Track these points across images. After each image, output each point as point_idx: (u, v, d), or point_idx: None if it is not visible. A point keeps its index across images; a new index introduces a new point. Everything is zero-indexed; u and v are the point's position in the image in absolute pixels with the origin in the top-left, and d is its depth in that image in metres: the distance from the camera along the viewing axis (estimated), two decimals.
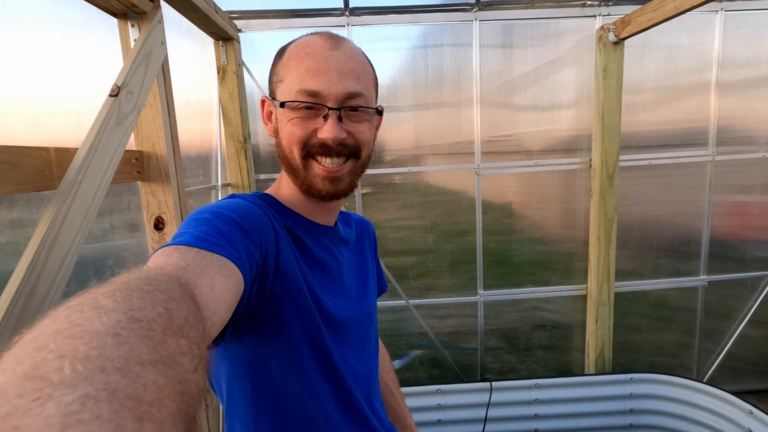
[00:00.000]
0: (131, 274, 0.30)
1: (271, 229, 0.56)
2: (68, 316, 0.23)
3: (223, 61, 1.94)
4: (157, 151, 1.19)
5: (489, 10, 2.06)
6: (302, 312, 0.58)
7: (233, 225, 0.49)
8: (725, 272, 2.32)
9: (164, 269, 0.36)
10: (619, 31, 1.89)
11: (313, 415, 0.61)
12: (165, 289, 0.29)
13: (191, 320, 0.28)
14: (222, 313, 0.40)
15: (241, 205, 0.55)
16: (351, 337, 0.68)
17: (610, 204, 2.10)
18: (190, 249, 0.42)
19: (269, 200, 0.65)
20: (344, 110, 0.59)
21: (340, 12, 2.03)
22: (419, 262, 2.30)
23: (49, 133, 0.96)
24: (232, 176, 2.05)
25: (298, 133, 0.59)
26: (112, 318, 0.23)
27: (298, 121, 0.59)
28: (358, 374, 0.68)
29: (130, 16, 1.12)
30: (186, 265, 0.39)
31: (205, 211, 0.52)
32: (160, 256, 0.41)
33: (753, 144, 2.21)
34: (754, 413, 1.70)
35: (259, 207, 0.58)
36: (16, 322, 0.66)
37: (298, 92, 0.58)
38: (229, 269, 0.43)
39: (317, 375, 0.61)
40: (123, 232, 1.23)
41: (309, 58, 0.58)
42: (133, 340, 0.23)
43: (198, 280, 0.38)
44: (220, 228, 0.48)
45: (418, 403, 1.96)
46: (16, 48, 0.90)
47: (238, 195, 0.61)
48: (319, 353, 0.61)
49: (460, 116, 2.17)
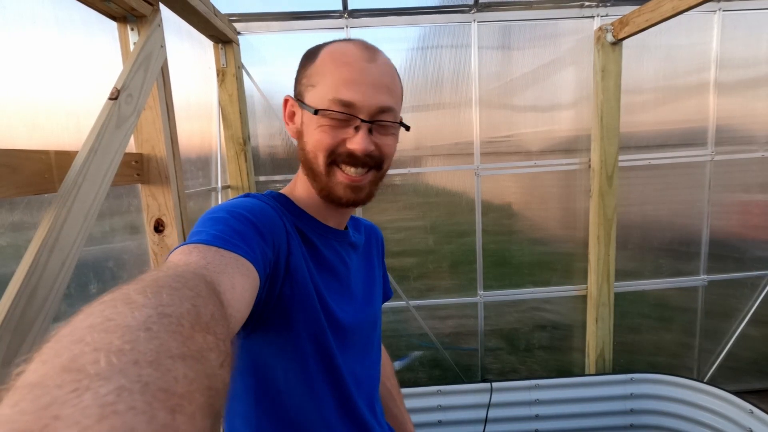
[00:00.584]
0: (159, 272, 0.31)
1: (283, 230, 0.57)
2: (102, 311, 0.24)
3: (222, 64, 1.94)
4: (156, 154, 1.19)
5: (487, 12, 2.07)
6: (309, 314, 0.59)
7: (248, 224, 0.50)
8: (725, 272, 2.32)
9: (189, 266, 0.36)
10: (617, 32, 1.90)
11: (313, 418, 0.62)
12: (192, 286, 0.30)
13: (217, 317, 0.29)
14: (242, 311, 0.41)
15: (255, 205, 0.55)
16: (355, 342, 0.68)
17: (609, 204, 2.11)
18: (209, 248, 0.43)
19: (283, 200, 0.65)
20: (375, 124, 0.59)
21: (339, 14, 2.04)
22: (419, 263, 2.31)
23: (50, 136, 0.96)
24: (232, 178, 2.05)
25: (327, 141, 0.59)
26: (144, 313, 0.24)
27: (328, 129, 0.59)
28: (361, 379, 0.68)
29: (130, 20, 1.13)
30: (207, 263, 0.40)
31: (221, 210, 0.52)
32: (180, 254, 0.42)
33: (752, 143, 2.22)
34: (755, 413, 1.70)
35: (272, 207, 0.58)
36: (17, 323, 0.66)
37: (332, 101, 0.57)
38: (246, 268, 0.44)
39: (319, 378, 0.61)
40: (123, 235, 1.23)
41: (345, 68, 0.58)
42: (164, 334, 0.23)
43: (220, 278, 0.38)
44: (236, 227, 0.48)
45: (418, 404, 1.96)
46: (16, 51, 0.90)
47: (252, 194, 0.61)
48: (322, 356, 0.61)
49: (460, 117, 2.18)
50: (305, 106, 0.60)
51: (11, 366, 0.67)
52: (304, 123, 0.62)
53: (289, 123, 0.65)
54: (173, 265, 0.34)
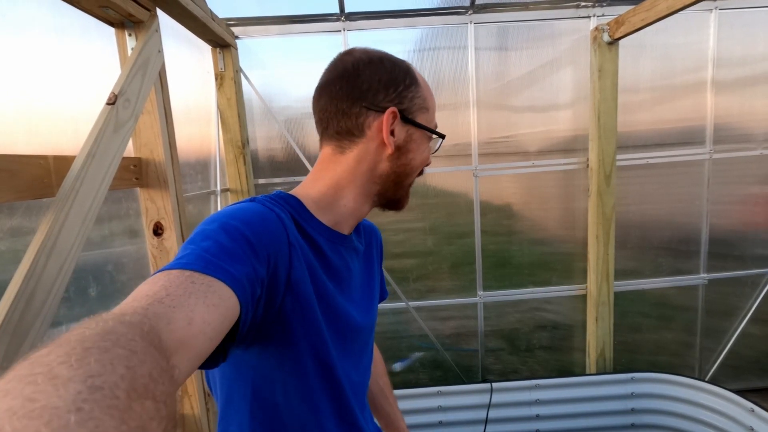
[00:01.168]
0: (87, 328, 0.27)
1: (285, 241, 0.54)
2: (21, 390, 0.21)
3: (220, 68, 1.96)
4: (155, 158, 1.20)
5: (484, 13, 2.07)
6: (310, 327, 0.58)
7: (240, 240, 0.48)
8: (725, 270, 2.32)
9: (125, 315, 0.32)
10: (614, 32, 1.90)
11: (311, 428, 0.61)
12: (124, 342, 0.27)
13: (155, 375, 0.26)
14: (200, 347, 0.38)
15: (255, 214, 0.53)
16: (354, 347, 0.68)
17: (608, 203, 2.11)
18: (182, 273, 0.41)
19: (294, 203, 0.62)
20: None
21: (336, 17, 2.05)
22: (419, 264, 2.31)
23: (48, 141, 0.97)
24: (231, 181, 2.06)
25: (428, 160, 0.70)
26: (71, 389, 0.21)
27: (429, 149, 0.69)
28: (355, 384, 0.68)
29: (128, 26, 1.14)
30: (165, 295, 0.38)
31: (216, 220, 0.50)
32: (147, 284, 0.40)
33: (750, 141, 2.22)
34: (756, 411, 1.69)
35: (278, 214, 0.55)
36: (15, 328, 0.67)
37: (435, 126, 0.69)
38: (218, 297, 0.41)
39: (320, 391, 0.61)
40: (123, 239, 1.24)
41: (434, 100, 0.69)
42: (98, 413, 0.21)
43: (173, 315, 0.36)
44: (225, 244, 0.46)
45: (418, 405, 1.97)
46: (14, 56, 0.91)
47: (258, 198, 0.59)
48: (323, 368, 0.61)
49: (458, 118, 2.18)
50: (422, 126, 0.66)
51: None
52: (414, 140, 0.66)
53: (389, 136, 0.64)
54: (104, 317, 0.30)
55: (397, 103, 0.63)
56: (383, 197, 0.68)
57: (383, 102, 0.63)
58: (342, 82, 0.63)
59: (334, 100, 0.63)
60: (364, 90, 0.62)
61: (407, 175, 0.67)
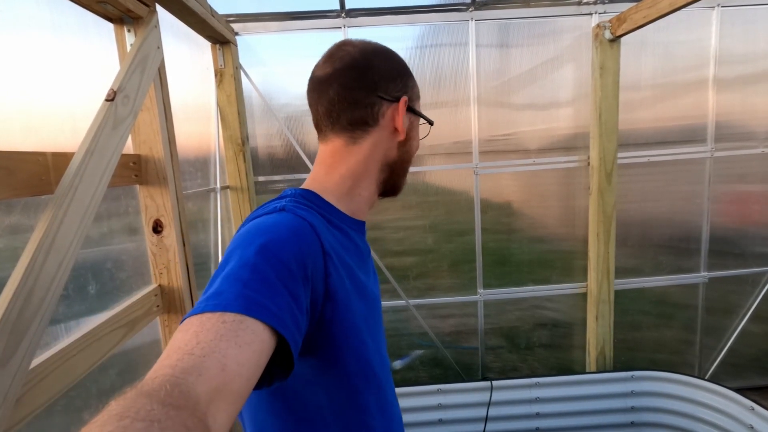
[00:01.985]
0: (108, 411, 0.29)
1: (320, 253, 0.54)
2: None
3: (220, 65, 1.95)
4: (154, 155, 1.20)
5: (485, 10, 2.06)
6: (350, 330, 0.58)
7: (280, 268, 0.47)
8: (726, 268, 2.32)
9: (145, 385, 0.33)
10: (615, 29, 1.90)
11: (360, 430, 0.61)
12: (144, 415, 0.28)
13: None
14: (238, 389, 0.38)
15: (291, 230, 0.52)
16: (378, 327, 0.70)
17: (608, 201, 2.10)
18: (212, 316, 0.41)
19: (316, 201, 0.63)
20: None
21: (336, 14, 2.04)
22: (419, 262, 2.31)
23: (46, 137, 0.96)
24: (231, 178, 2.05)
25: (419, 146, 0.73)
26: None
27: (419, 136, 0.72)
28: (385, 367, 0.69)
29: (126, 21, 1.13)
30: (196, 344, 0.38)
31: (254, 241, 0.49)
32: (180, 332, 0.40)
33: (752, 139, 2.21)
34: (756, 410, 1.70)
35: (310, 224, 0.55)
36: (14, 325, 0.66)
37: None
38: (251, 333, 0.41)
39: (362, 390, 0.61)
40: (122, 236, 1.23)
41: None
42: None
43: (205, 364, 0.37)
44: (264, 274, 0.46)
45: (418, 403, 1.97)
46: (12, 53, 0.90)
47: (288, 206, 0.57)
48: (364, 366, 0.61)
49: (458, 116, 2.18)
50: (420, 114, 0.70)
51: (8, 367, 0.67)
52: (413, 127, 0.70)
53: (400, 123, 0.66)
54: (129, 391, 0.32)
55: (405, 92, 0.67)
56: (387, 184, 0.70)
57: (395, 91, 0.65)
58: (354, 72, 0.63)
59: (347, 91, 0.63)
60: (377, 80, 0.64)
61: (409, 161, 0.71)
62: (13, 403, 0.67)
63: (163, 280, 1.24)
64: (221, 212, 1.93)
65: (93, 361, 0.93)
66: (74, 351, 0.87)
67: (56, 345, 0.85)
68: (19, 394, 0.69)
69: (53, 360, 0.81)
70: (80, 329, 0.93)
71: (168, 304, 1.25)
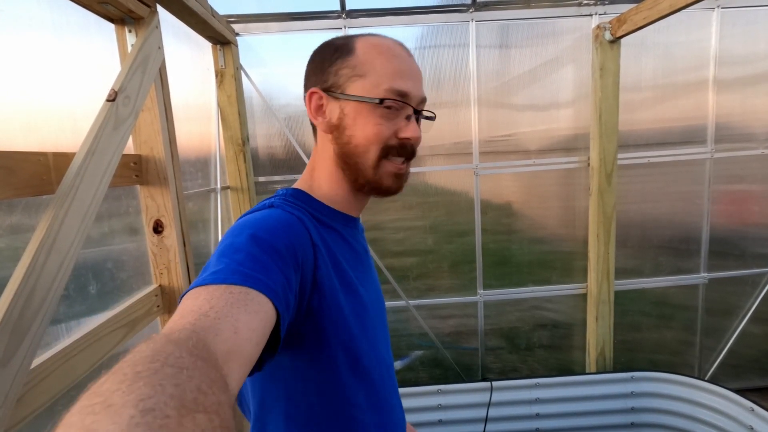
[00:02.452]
0: (137, 352, 0.30)
1: (309, 244, 0.55)
2: (83, 421, 0.23)
3: (221, 65, 1.95)
4: (155, 155, 1.20)
5: (485, 11, 2.07)
6: (338, 321, 0.58)
7: (270, 251, 0.49)
8: (726, 269, 2.32)
9: (173, 333, 0.35)
10: (615, 30, 1.90)
11: (347, 424, 0.61)
12: (173, 361, 0.29)
13: (204, 387, 0.27)
14: (249, 353, 0.40)
15: (281, 221, 0.54)
16: (376, 324, 0.68)
17: (608, 202, 2.11)
18: (218, 287, 0.43)
19: (304, 198, 0.63)
20: (421, 114, 0.64)
21: (337, 14, 2.04)
22: (419, 262, 2.31)
23: (47, 137, 0.96)
24: (231, 179, 2.06)
25: (385, 133, 0.60)
26: (125, 415, 0.23)
27: (384, 120, 0.59)
28: (384, 365, 0.69)
29: (128, 22, 1.13)
30: (210, 308, 0.40)
31: (243, 231, 0.50)
32: (189, 299, 0.42)
33: (752, 141, 2.21)
34: (756, 410, 1.69)
35: (298, 218, 0.56)
36: (15, 325, 0.66)
37: (387, 90, 0.58)
38: (257, 303, 0.43)
39: (351, 384, 0.61)
40: (122, 236, 1.23)
41: (396, 60, 0.60)
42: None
43: (220, 326, 0.38)
44: (257, 256, 0.47)
45: (418, 404, 1.96)
46: (13, 53, 0.91)
47: (277, 203, 0.59)
48: (353, 361, 0.61)
49: (458, 117, 2.18)
50: (351, 97, 0.59)
51: (9, 367, 0.67)
52: (346, 115, 0.60)
53: (317, 118, 0.62)
54: (157, 337, 0.32)
55: (322, 82, 0.62)
56: (356, 182, 0.64)
57: (317, 84, 0.63)
58: (305, 72, 0.66)
59: (304, 90, 0.66)
60: (308, 76, 0.65)
61: (356, 154, 0.61)
62: (14, 403, 0.67)
63: (163, 280, 1.24)
64: (222, 212, 1.93)
65: (93, 361, 0.93)
66: (75, 351, 0.87)
67: (57, 345, 0.85)
68: (20, 393, 0.69)
69: (54, 360, 0.81)
70: (81, 329, 0.93)
71: (168, 304, 1.25)
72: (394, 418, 0.69)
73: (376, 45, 0.60)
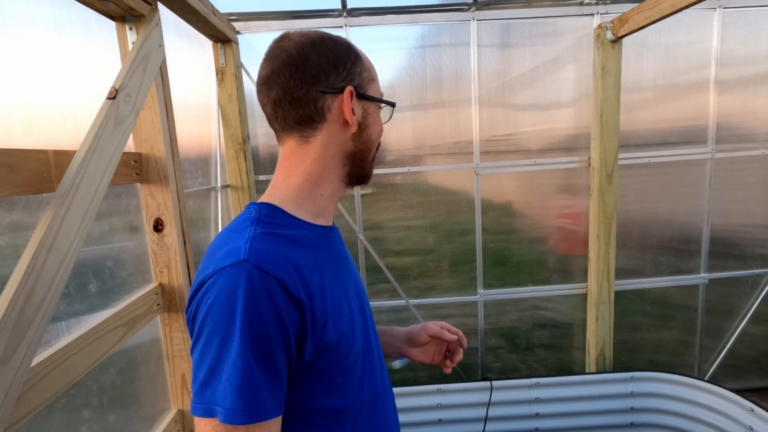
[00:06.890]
0: None
1: (295, 309, 0.53)
2: None
3: (221, 63, 1.94)
4: (155, 153, 1.19)
5: (486, 10, 2.06)
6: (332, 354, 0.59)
7: (265, 349, 0.51)
8: (726, 270, 2.32)
9: None
10: (617, 30, 1.89)
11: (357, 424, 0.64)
12: None
13: None
14: None
15: (265, 301, 0.51)
16: (368, 312, 0.72)
17: (609, 202, 2.10)
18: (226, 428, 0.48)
19: (281, 218, 0.61)
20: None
21: (338, 13, 2.04)
22: (419, 262, 2.31)
23: (48, 135, 0.96)
24: (232, 177, 2.05)
25: (383, 129, 0.69)
26: None
27: (381, 120, 0.69)
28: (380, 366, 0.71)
29: (128, 19, 1.13)
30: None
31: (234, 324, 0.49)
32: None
33: (752, 141, 2.21)
34: (756, 411, 1.70)
35: (276, 279, 0.52)
36: (15, 323, 0.66)
37: (382, 95, 0.68)
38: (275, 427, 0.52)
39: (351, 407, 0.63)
40: (123, 234, 1.23)
41: (374, 67, 0.68)
42: None
43: None
44: (253, 363, 0.50)
45: (418, 403, 1.96)
46: (14, 51, 0.90)
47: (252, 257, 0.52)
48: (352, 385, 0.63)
49: (459, 116, 2.18)
50: (375, 99, 0.65)
51: (9, 365, 0.66)
52: (370, 115, 0.66)
53: (350, 115, 0.62)
54: None
55: (350, 80, 0.62)
56: (353, 176, 0.68)
57: (337, 82, 0.61)
58: (291, 69, 0.60)
59: (287, 89, 0.60)
60: (316, 74, 0.60)
61: (369, 150, 0.67)
62: (14, 401, 0.67)
63: (163, 278, 1.24)
64: (222, 211, 1.93)
65: (94, 360, 0.92)
66: (75, 349, 0.87)
67: (57, 343, 0.85)
68: (20, 392, 0.69)
69: (54, 358, 0.81)
70: (81, 327, 0.93)
71: (168, 302, 1.25)
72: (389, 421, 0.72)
73: (363, 55, 0.67)
